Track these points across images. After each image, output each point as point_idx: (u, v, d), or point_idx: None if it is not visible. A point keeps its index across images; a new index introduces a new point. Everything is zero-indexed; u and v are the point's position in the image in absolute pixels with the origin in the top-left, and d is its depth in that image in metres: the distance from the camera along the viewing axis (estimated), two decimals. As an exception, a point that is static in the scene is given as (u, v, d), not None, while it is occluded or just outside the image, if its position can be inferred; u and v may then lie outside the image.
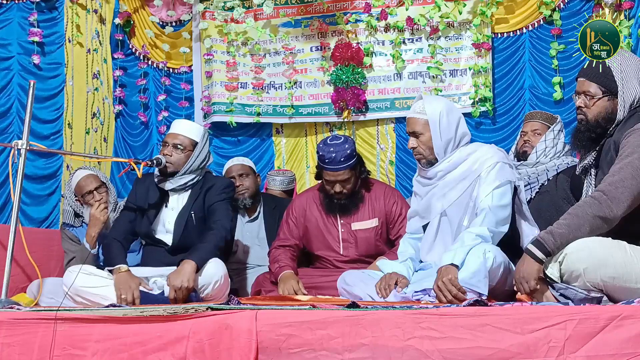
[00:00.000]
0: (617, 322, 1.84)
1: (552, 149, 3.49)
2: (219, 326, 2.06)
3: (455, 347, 1.89)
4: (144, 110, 5.12)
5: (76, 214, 3.81)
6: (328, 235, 3.38)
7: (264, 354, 1.99)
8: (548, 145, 3.50)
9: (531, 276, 2.29)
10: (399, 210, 3.35)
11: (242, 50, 4.93)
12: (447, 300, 2.52)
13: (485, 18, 4.44)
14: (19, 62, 4.62)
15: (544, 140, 3.51)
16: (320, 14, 4.83)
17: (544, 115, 3.66)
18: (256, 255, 3.85)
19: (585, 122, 2.50)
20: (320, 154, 3.27)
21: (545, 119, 3.62)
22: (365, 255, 3.35)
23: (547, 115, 3.66)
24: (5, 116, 4.54)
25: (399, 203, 3.38)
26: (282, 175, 4.40)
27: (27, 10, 4.67)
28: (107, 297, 2.97)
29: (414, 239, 3.09)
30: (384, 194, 3.41)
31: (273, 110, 4.88)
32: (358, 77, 4.63)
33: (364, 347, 1.95)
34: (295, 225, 3.43)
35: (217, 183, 3.35)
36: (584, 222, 2.26)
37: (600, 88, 2.46)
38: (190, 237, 3.24)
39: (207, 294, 3.07)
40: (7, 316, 2.25)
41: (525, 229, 2.93)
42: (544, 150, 3.50)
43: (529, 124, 3.65)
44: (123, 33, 5.12)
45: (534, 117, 3.68)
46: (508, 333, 1.88)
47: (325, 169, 3.26)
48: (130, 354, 2.11)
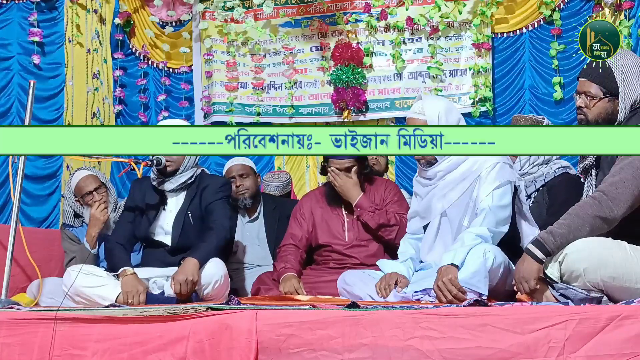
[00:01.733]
0: (617, 322, 1.84)
1: (538, 157, 3.33)
2: (219, 326, 2.06)
3: (455, 347, 1.90)
4: (144, 110, 5.12)
5: (76, 215, 3.81)
6: (332, 223, 3.43)
7: (264, 354, 1.99)
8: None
9: (531, 276, 2.30)
10: (390, 197, 3.41)
11: (242, 50, 4.94)
12: (447, 300, 2.52)
13: (485, 18, 4.44)
14: (19, 62, 4.62)
15: None
16: (320, 14, 4.83)
17: (529, 121, 3.47)
18: (256, 255, 3.85)
19: (586, 122, 2.49)
20: None
21: (530, 124, 3.42)
22: (366, 239, 3.38)
23: (531, 121, 3.47)
24: (5, 116, 4.55)
25: (392, 191, 3.46)
26: (277, 180, 4.39)
27: (27, 10, 4.67)
28: (107, 297, 2.97)
29: (415, 239, 3.09)
30: (384, 185, 3.49)
31: (273, 110, 4.88)
32: (358, 77, 4.63)
33: (364, 347, 1.95)
34: (304, 219, 3.47)
35: (212, 182, 3.36)
36: (584, 222, 2.26)
37: (601, 89, 2.46)
38: (189, 237, 3.24)
39: (207, 294, 3.07)
40: (7, 316, 2.25)
41: (525, 229, 2.93)
42: (528, 159, 3.35)
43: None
44: (123, 33, 5.12)
45: (517, 124, 3.50)
46: (508, 333, 1.88)
47: (332, 157, 3.35)
48: (130, 354, 2.11)
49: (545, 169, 3.34)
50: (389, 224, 3.29)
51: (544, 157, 3.35)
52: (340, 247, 3.38)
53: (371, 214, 3.27)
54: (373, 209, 3.28)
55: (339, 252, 3.38)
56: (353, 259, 3.34)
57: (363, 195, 3.32)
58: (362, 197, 3.31)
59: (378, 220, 3.27)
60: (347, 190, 3.31)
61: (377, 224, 3.28)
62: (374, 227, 3.29)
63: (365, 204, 3.29)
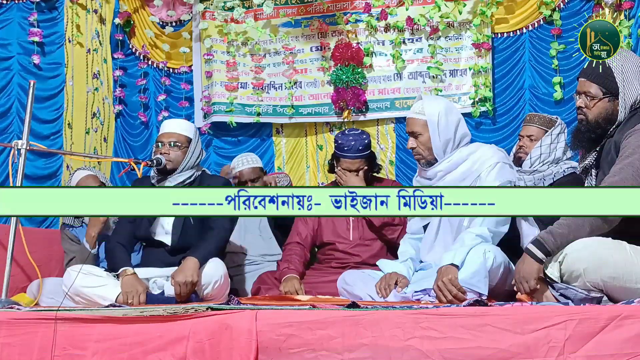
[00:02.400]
0: (617, 322, 1.84)
1: (549, 156, 3.39)
2: (219, 326, 2.06)
3: (455, 347, 1.90)
4: (144, 110, 5.12)
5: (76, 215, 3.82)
6: (338, 222, 3.46)
7: (264, 354, 1.99)
8: (544, 151, 3.40)
9: (531, 276, 2.30)
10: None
11: (242, 50, 4.93)
12: (447, 300, 2.52)
13: (485, 18, 4.44)
14: (19, 62, 4.62)
15: (540, 146, 3.41)
16: (320, 14, 4.83)
17: (542, 120, 3.54)
18: (259, 246, 3.86)
19: (586, 122, 2.50)
20: (340, 143, 3.42)
21: (543, 123, 3.51)
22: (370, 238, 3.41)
23: (545, 120, 3.54)
24: (5, 116, 4.54)
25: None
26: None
27: (27, 10, 4.67)
28: (107, 297, 2.97)
29: (415, 239, 3.09)
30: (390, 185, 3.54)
31: (273, 110, 4.88)
32: (358, 77, 4.63)
33: (364, 347, 1.95)
34: (310, 218, 3.49)
35: (213, 182, 3.36)
36: (584, 222, 2.26)
37: (600, 89, 2.46)
38: (189, 237, 3.24)
39: (207, 294, 3.07)
40: (7, 316, 2.25)
41: (525, 229, 2.94)
42: (539, 157, 3.40)
43: (526, 128, 3.55)
44: (123, 33, 5.12)
45: (531, 121, 3.57)
46: (508, 333, 1.88)
47: (343, 157, 3.40)
48: (130, 354, 2.11)
49: (555, 168, 3.39)
50: (393, 223, 3.30)
51: (554, 155, 3.39)
52: (345, 245, 3.40)
53: None
54: None
55: (343, 250, 3.40)
56: (356, 258, 3.35)
57: None
58: None
59: (382, 219, 3.28)
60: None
61: (381, 222, 3.29)
62: (378, 225, 3.30)
63: None
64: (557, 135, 3.45)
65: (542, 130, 3.48)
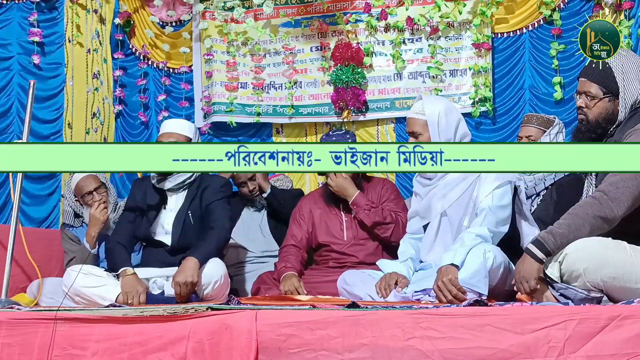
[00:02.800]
0: (617, 322, 1.84)
1: None
2: (219, 326, 2.07)
3: (455, 347, 1.90)
4: (144, 110, 5.11)
5: (76, 215, 3.82)
6: (331, 223, 3.45)
7: (264, 354, 2.00)
8: None
9: (531, 276, 2.30)
10: (387, 195, 3.45)
11: (242, 50, 4.93)
12: (447, 300, 2.52)
13: (485, 18, 4.44)
14: (19, 62, 4.62)
15: None
16: (320, 14, 4.83)
17: (540, 120, 3.55)
18: (260, 243, 3.87)
19: (586, 122, 2.50)
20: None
21: (541, 123, 3.52)
22: (365, 237, 3.39)
23: (542, 120, 3.54)
24: (5, 116, 4.54)
25: (389, 189, 3.50)
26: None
27: (27, 10, 4.66)
28: (106, 297, 2.97)
29: (415, 239, 3.09)
30: (381, 184, 3.53)
31: (273, 110, 4.88)
32: (358, 77, 4.63)
33: (364, 347, 1.95)
34: (303, 220, 3.50)
35: (213, 182, 3.36)
36: (584, 222, 2.26)
37: (601, 89, 2.46)
38: (189, 237, 3.24)
39: (207, 294, 3.07)
40: (7, 316, 2.25)
41: (525, 229, 2.94)
42: None
43: (524, 128, 3.56)
44: (123, 33, 5.12)
45: (529, 122, 3.57)
46: (508, 333, 1.88)
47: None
48: (130, 354, 2.11)
49: None
50: (385, 222, 3.30)
51: None
52: (339, 246, 3.39)
53: (367, 212, 3.29)
54: (369, 207, 3.30)
55: (338, 251, 3.39)
56: (352, 258, 3.35)
57: (360, 193, 3.34)
58: (359, 195, 3.32)
59: (373, 218, 3.28)
60: (343, 189, 3.33)
61: (372, 222, 3.29)
62: (369, 225, 3.30)
63: (361, 201, 3.30)
64: (555, 135, 3.46)
65: (540, 131, 3.50)
